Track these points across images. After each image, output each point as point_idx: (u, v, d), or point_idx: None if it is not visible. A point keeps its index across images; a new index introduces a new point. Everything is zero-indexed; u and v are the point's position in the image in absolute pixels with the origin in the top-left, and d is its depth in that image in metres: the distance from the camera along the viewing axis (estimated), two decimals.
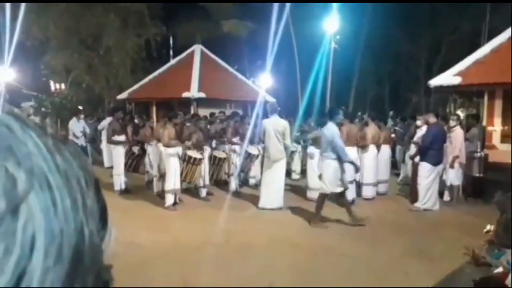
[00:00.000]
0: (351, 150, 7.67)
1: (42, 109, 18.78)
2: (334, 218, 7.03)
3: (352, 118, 9.10)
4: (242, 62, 23.71)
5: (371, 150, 8.78)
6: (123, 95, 16.81)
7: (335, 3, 16.22)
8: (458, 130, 8.39)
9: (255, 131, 8.68)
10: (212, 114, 11.27)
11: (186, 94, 14.79)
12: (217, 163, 9.18)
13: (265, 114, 8.30)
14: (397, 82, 26.31)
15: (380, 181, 9.14)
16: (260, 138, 8.46)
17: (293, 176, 10.84)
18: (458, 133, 8.33)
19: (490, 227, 5.51)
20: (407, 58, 24.45)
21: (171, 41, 22.79)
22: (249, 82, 18.48)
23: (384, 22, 21.36)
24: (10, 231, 0.27)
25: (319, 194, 6.98)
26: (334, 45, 16.56)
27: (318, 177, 8.49)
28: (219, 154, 9.29)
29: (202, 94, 14.79)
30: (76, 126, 11.84)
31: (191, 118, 9.44)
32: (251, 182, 9.99)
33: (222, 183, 9.67)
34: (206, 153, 8.73)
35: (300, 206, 7.98)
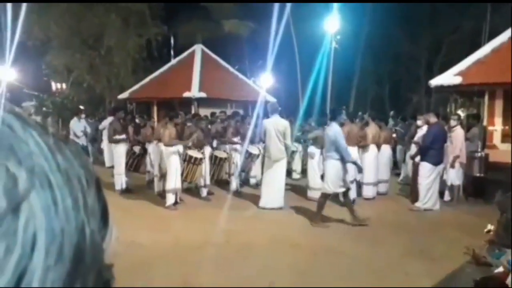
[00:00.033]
0: (352, 150, 7.67)
1: (43, 108, 18.78)
2: (335, 218, 7.04)
3: (352, 118, 9.10)
4: (243, 62, 23.69)
5: (372, 150, 8.78)
6: (124, 95, 16.80)
7: (336, 3, 16.20)
8: (459, 130, 8.39)
9: (256, 131, 8.67)
10: (213, 114, 11.28)
11: (187, 94, 14.79)
12: (218, 163, 9.17)
13: (265, 114, 8.31)
14: (397, 82, 26.27)
15: (380, 180, 9.14)
16: (260, 138, 8.46)
17: (293, 175, 10.85)
18: (458, 133, 8.33)
19: (491, 227, 5.51)
20: (408, 58, 24.41)
21: (172, 41, 22.82)
22: (249, 82, 18.45)
23: (384, 22, 21.34)
24: (11, 230, 0.27)
25: (321, 194, 6.99)
26: (334, 45, 16.53)
27: (320, 177, 8.54)
28: (220, 154, 9.29)
29: (203, 94, 14.78)
30: (77, 125, 11.85)
31: (192, 118, 9.45)
32: (252, 181, 9.99)
33: (223, 183, 9.68)
34: (206, 152, 8.74)
35: (300, 205, 7.99)
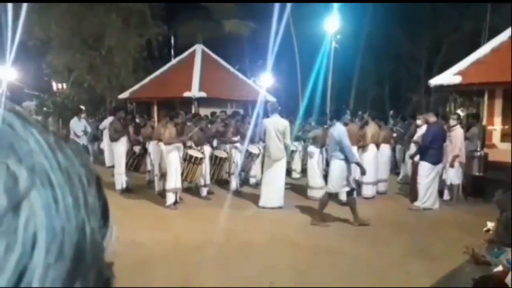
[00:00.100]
0: (352, 149, 7.65)
1: (44, 108, 18.81)
2: (335, 217, 7.04)
3: (352, 117, 9.10)
4: (243, 61, 23.69)
5: (371, 149, 8.78)
6: (125, 95, 16.80)
7: (336, 3, 16.20)
8: (458, 129, 8.39)
9: (256, 131, 8.67)
10: (213, 114, 11.28)
11: (187, 94, 14.79)
12: (218, 163, 9.17)
13: (265, 114, 8.31)
14: (397, 82, 26.28)
15: (380, 180, 9.14)
16: (260, 137, 8.46)
17: (293, 175, 10.85)
18: (458, 132, 8.33)
19: (490, 226, 5.52)
20: (408, 58, 24.41)
21: (173, 40, 22.81)
22: (250, 81, 18.46)
23: (384, 22, 21.34)
24: (11, 229, 0.27)
25: (325, 193, 6.99)
26: (334, 44, 16.54)
27: (321, 176, 8.54)
28: (220, 153, 9.29)
29: (203, 94, 14.78)
30: (77, 125, 11.84)
31: (192, 118, 9.45)
32: (252, 181, 9.99)
33: (222, 182, 9.68)
34: (206, 152, 8.73)
35: (300, 205, 8.00)
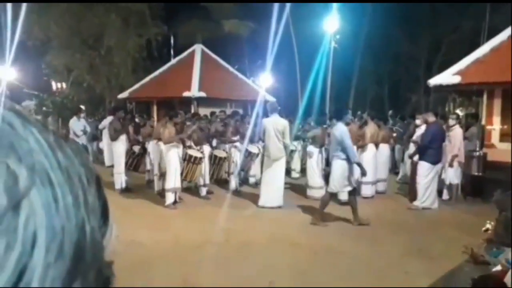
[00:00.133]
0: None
1: (43, 108, 18.80)
2: (335, 217, 7.04)
3: (351, 117, 9.11)
4: (242, 61, 23.70)
5: (370, 148, 8.78)
6: (124, 95, 16.80)
7: (335, 3, 16.20)
8: (457, 129, 8.40)
9: (255, 130, 8.68)
10: (212, 113, 11.28)
11: (186, 94, 14.79)
12: (217, 162, 9.17)
13: (265, 113, 8.31)
14: (396, 82, 26.29)
15: (379, 179, 9.14)
16: (260, 137, 8.47)
17: (292, 174, 10.86)
18: (457, 132, 8.34)
19: (489, 225, 5.52)
20: (407, 58, 24.43)
21: (172, 40, 22.80)
22: (249, 81, 18.48)
23: (384, 22, 21.34)
24: (11, 228, 0.27)
25: (326, 193, 6.99)
26: (334, 44, 16.52)
27: (321, 176, 8.54)
28: (220, 153, 9.29)
29: (202, 94, 14.79)
30: (76, 125, 11.84)
31: (192, 117, 9.45)
32: (251, 181, 9.99)
33: (222, 182, 9.68)
34: (206, 152, 8.74)
35: (300, 204, 8.00)
